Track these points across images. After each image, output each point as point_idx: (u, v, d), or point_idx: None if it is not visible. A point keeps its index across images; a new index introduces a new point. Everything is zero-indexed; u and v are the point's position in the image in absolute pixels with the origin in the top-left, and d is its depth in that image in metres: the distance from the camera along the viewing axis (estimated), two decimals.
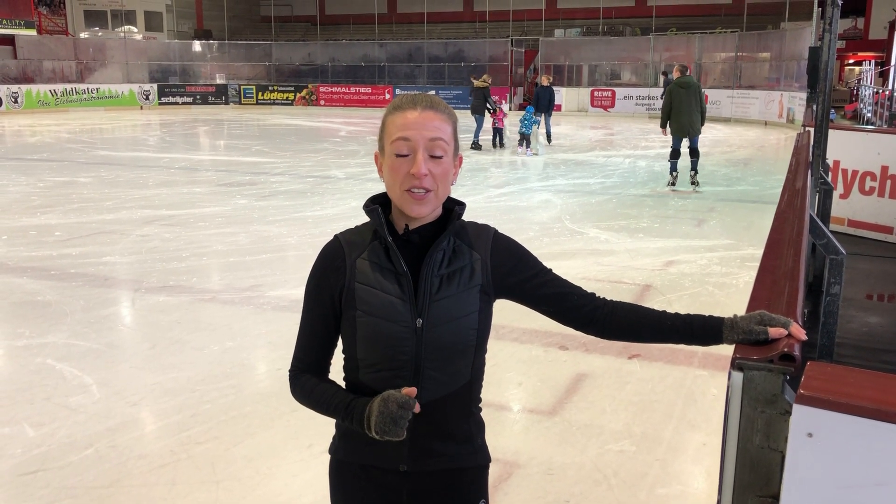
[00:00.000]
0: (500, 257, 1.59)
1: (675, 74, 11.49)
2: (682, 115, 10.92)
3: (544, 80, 17.41)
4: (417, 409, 1.45)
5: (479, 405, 1.67)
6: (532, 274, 1.61)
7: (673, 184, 11.31)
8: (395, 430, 1.43)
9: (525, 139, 15.65)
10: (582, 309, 1.59)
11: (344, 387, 1.61)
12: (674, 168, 11.28)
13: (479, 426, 1.67)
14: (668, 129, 11.32)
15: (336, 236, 1.61)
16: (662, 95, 26.35)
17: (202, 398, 4.09)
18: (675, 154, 11.20)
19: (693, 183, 11.21)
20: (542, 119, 17.14)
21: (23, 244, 7.62)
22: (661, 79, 26.93)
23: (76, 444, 3.60)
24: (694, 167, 11.21)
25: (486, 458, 1.68)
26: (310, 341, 1.61)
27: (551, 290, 1.60)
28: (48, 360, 4.62)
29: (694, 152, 11.12)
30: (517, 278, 1.60)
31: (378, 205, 1.54)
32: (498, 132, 16.73)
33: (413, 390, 1.46)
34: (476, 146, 16.47)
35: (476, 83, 16.80)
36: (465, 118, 23.73)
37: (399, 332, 1.51)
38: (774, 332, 1.33)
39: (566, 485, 3.26)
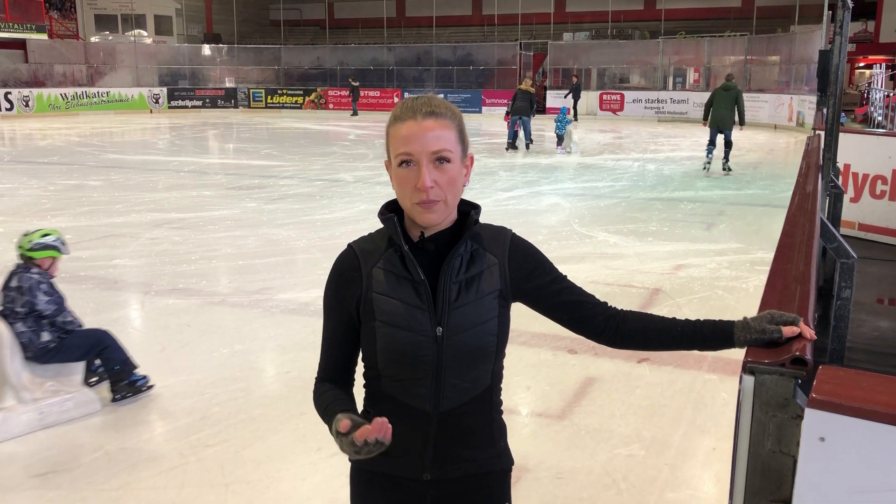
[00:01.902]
0: (517, 261, 1.57)
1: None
2: (717, 110, 13.34)
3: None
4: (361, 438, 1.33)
5: (501, 408, 1.64)
6: (549, 280, 1.59)
7: (706, 167, 13.52)
8: (350, 453, 1.36)
9: (560, 139, 16.69)
10: (595, 318, 1.58)
11: (365, 395, 1.60)
12: (709, 152, 13.51)
13: (501, 429, 1.65)
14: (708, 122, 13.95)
15: (350, 245, 1.58)
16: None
17: (211, 401, 4.11)
18: (710, 143, 13.47)
19: (725, 166, 13.44)
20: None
21: None
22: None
23: (86, 446, 3.63)
24: (726, 156, 13.55)
25: (508, 462, 1.66)
26: (330, 351, 1.60)
27: (567, 297, 1.59)
28: None
29: (728, 143, 13.51)
30: (534, 283, 1.58)
31: (392, 213, 1.52)
32: (514, 135, 16.83)
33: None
34: (513, 146, 16.81)
35: (521, 87, 16.91)
36: (470, 121, 23.70)
37: (419, 341, 1.49)
38: (788, 330, 1.32)
39: (575, 489, 3.25)
